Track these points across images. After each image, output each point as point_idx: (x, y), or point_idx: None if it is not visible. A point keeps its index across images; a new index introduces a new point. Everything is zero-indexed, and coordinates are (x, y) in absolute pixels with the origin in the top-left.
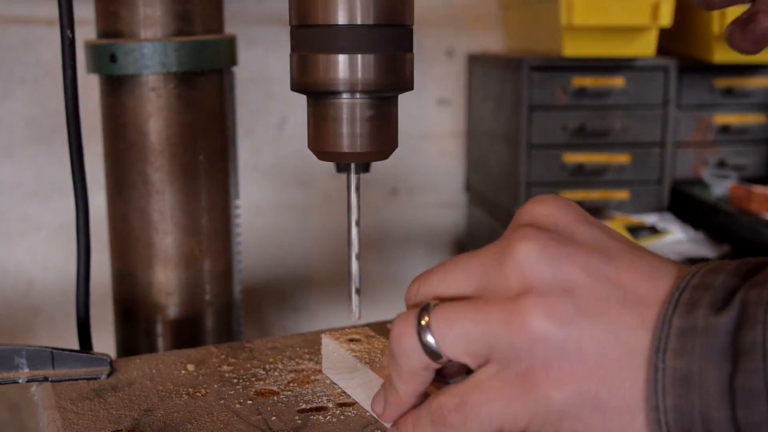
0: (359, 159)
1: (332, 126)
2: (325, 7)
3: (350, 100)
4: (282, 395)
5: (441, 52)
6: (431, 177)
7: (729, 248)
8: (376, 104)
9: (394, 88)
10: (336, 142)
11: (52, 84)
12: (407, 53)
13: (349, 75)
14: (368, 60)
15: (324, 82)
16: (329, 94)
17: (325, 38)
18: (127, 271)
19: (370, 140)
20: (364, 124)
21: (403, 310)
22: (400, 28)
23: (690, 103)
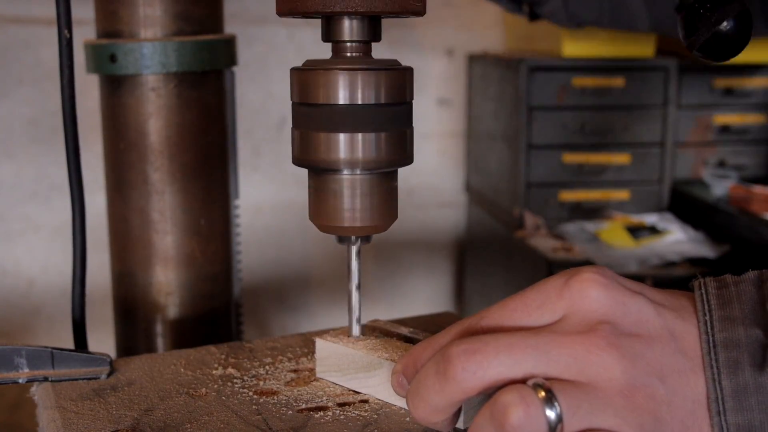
0: (359, 232)
1: (333, 201)
2: (327, 88)
3: (351, 176)
4: (282, 395)
5: (441, 52)
6: (431, 177)
7: (729, 248)
8: (376, 180)
9: (395, 164)
10: (337, 217)
11: (51, 84)
12: (407, 129)
13: (350, 154)
14: (368, 138)
15: (325, 160)
16: (330, 170)
17: (326, 117)
18: (127, 271)
19: (370, 215)
20: (365, 199)
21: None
22: (400, 106)
23: (690, 103)
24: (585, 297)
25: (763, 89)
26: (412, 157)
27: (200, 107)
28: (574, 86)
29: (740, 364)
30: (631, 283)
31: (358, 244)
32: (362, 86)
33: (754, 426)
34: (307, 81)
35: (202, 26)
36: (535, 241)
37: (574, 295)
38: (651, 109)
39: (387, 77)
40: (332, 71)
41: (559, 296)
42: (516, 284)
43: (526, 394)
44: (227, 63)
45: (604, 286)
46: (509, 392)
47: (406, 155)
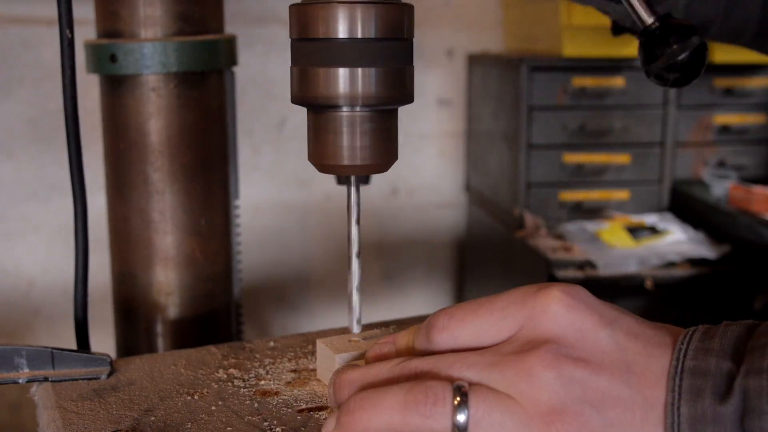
0: (359, 171)
1: (332, 139)
2: (326, 22)
3: (350, 113)
4: (282, 395)
5: (441, 52)
6: (431, 177)
7: (729, 248)
8: (376, 117)
9: (395, 101)
10: (336, 155)
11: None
12: (407, 66)
13: (350, 89)
14: (368, 73)
15: (324, 96)
16: (329, 107)
17: (325, 52)
18: (127, 271)
19: (370, 153)
20: (364, 136)
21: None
22: (400, 42)
23: (690, 103)
24: (545, 312)
25: (763, 89)
26: (412, 95)
27: (200, 107)
28: (574, 86)
29: (702, 392)
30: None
31: (358, 184)
32: (362, 20)
33: None
34: (306, 15)
35: (203, 26)
36: (535, 241)
37: (536, 308)
38: (651, 109)
39: (386, 11)
40: (331, 4)
41: (523, 305)
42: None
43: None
44: (227, 63)
45: (567, 307)
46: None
47: (406, 93)
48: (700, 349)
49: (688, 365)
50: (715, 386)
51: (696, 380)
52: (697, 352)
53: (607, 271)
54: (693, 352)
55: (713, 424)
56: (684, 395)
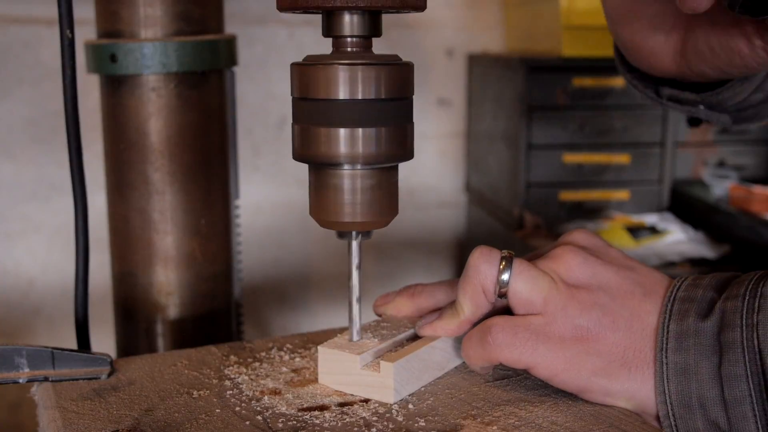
0: (360, 227)
1: (333, 196)
2: (327, 83)
3: (351, 171)
4: (282, 395)
5: (441, 52)
6: (431, 177)
7: (729, 248)
8: (377, 174)
9: (395, 159)
10: (337, 212)
11: (51, 84)
12: (408, 124)
13: (351, 148)
14: (369, 134)
15: (325, 155)
16: (330, 165)
17: (326, 112)
18: (128, 271)
19: (371, 210)
20: (365, 193)
21: None
22: (401, 101)
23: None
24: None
25: None
26: (412, 152)
27: (200, 107)
28: (574, 86)
29: (688, 313)
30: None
31: (359, 239)
32: (362, 81)
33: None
34: (308, 76)
35: (203, 26)
36: (535, 241)
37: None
38: (651, 109)
39: (387, 72)
40: (333, 66)
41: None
42: None
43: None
44: (227, 63)
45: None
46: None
47: (407, 150)
48: (691, 284)
49: (679, 295)
50: (698, 309)
51: (684, 305)
52: (688, 286)
53: None
54: (684, 286)
55: (695, 336)
56: (673, 316)
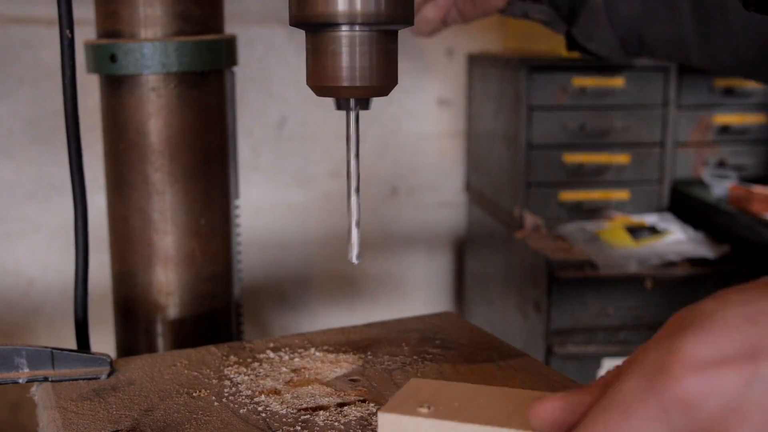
0: (358, 93)
1: (331, 60)
2: None
3: (349, 33)
4: (282, 395)
5: (441, 52)
6: (431, 177)
7: (729, 248)
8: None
9: (395, 21)
10: (335, 76)
11: (51, 84)
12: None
13: (349, 6)
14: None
15: (323, 14)
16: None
17: None
18: (127, 271)
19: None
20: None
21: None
22: None
23: (690, 103)
24: None
25: (763, 89)
26: (412, 16)
27: (200, 107)
28: (574, 86)
29: None
30: None
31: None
32: None
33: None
34: None
35: (203, 26)
36: (535, 241)
37: None
38: (651, 109)
39: None
40: None
41: None
42: (516, 284)
43: None
44: (227, 63)
45: None
46: None
47: (407, 12)
48: None
49: None
50: None
51: None
52: None
53: (607, 271)
54: None
55: None
56: None
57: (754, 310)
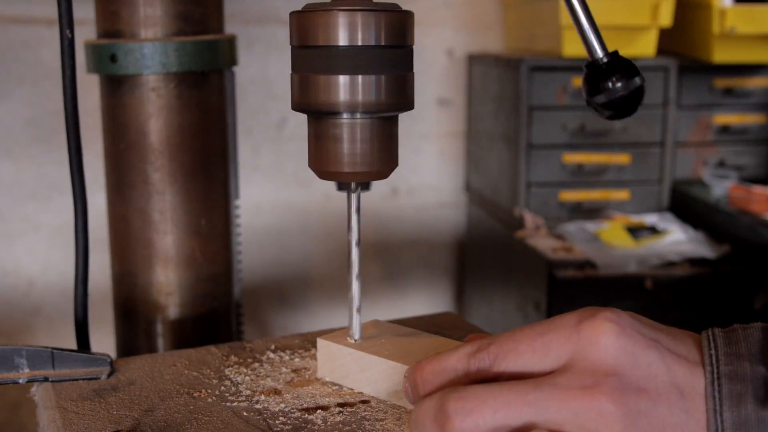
0: (360, 178)
1: (332, 146)
2: (326, 29)
3: (350, 120)
4: (282, 395)
5: (441, 52)
6: (431, 177)
7: (729, 248)
8: (376, 124)
9: (395, 108)
10: (336, 162)
11: (51, 84)
12: (408, 73)
13: (350, 96)
14: (369, 81)
15: (325, 103)
16: (330, 114)
17: (325, 59)
18: (127, 271)
19: (370, 159)
20: (365, 143)
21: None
22: (401, 49)
23: (690, 103)
24: (594, 344)
25: (763, 89)
26: (412, 102)
27: (200, 107)
28: (574, 86)
29: (743, 397)
30: (648, 329)
31: (358, 191)
32: (362, 27)
33: None
34: (307, 23)
35: (203, 26)
36: (535, 241)
37: (583, 341)
38: (651, 109)
39: (387, 19)
40: (332, 12)
41: (568, 338)
42: (516, 284)
43: None
44: (227, 63)
45: (616, 335)
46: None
47: (407, 100)
48: (730, 354)
49: (724, 371)
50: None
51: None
52: (728, 357)
53: (607, 271)
54: (725, 358)
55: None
56: (725, 401)
57: None
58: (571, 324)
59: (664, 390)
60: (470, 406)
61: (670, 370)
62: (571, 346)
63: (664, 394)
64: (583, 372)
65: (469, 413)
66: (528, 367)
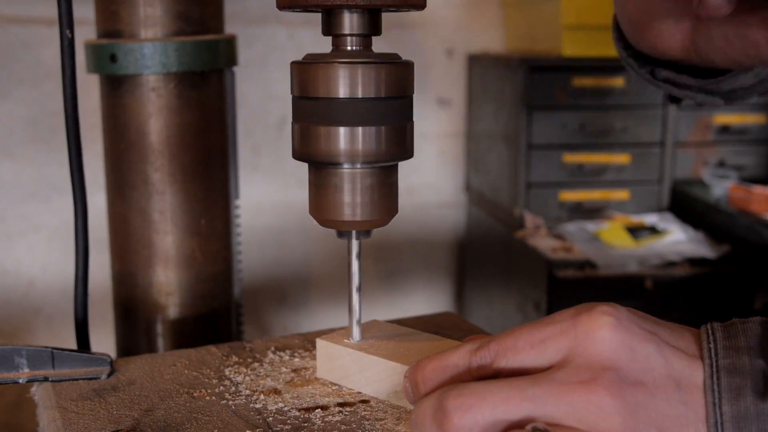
0: (360, 227)
1: (333, 195)
2: (327, 81)
3: (351, 170)
4: (282, 395)
5: (441, 52)
6: (431, 177)
7: (729, 248)
8: (376, 173)
9: (395, 158)
10: (337, 211)
11: (51, 84)
12: (407, 122)
13: (350, 147)
14: (369, 132)
15: (325, 154)
16: (330, 164)
17: (326, 111)
18: (127, 271)
19: (370, 209)
20: (365, 192)
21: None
22: (401, 100)
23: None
24: (591, 338)
25: None
26: (412, 151)
27: (200, 107)
28: (574, 86)
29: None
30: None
31: (359, 239)
32: (362, 80)
33: None
34: (308, 74)
35: (203, 26)
36: (535, 241)
37: (580, 335)
38: (651, 109)
39: (387, 71)
40: (332, 65)
41: (565, 333)
42: (516, 284)
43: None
44: (227, 63)
45: (613, 329)
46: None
47: (407, 149)
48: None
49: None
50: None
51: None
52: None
53: (607, 271)
54: (723, 351)
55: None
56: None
57: None
58: (568, 319)
59: (662, 382)
60: (469, 403)
61: (668, 363)
62: (569, 341)
63: (662, 387)
64: (580, 366)
65: (468, 410)
66: (527, 363)
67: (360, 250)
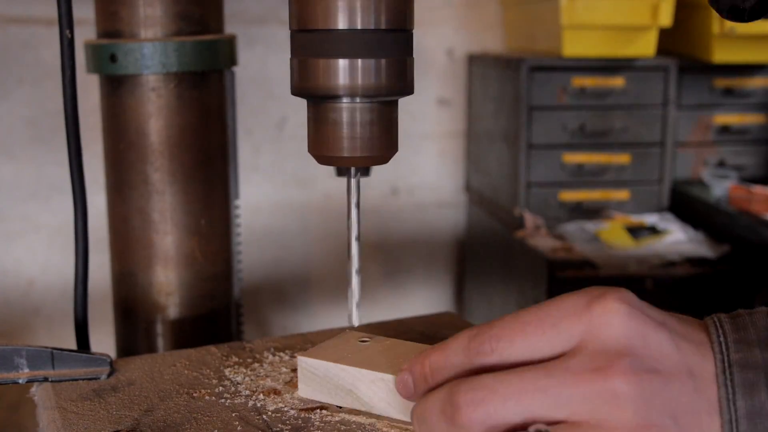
0: (359, 163)
1: (332, 130)
2: (326, 13)
3: (350, 104)
4: (282, 395)
5: (441, 52)
6: (431, 177)
7: (729, 248)
8: (376, 108)
9: (395, 93)
10: (336, 146)
11: (51, 84)
12: (407, 57)
13: (350, 80)
14: (368, 65)
15: (324, 87)
16: (329, 98)
17: (325, 43)
18: (127, 271)
19: (370, 144)
20: (365, 128)
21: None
22: (401, 33)
23: (690, 103)
24: (605, 324)
25: (763, 89)
26: (412, 87)
27: (200, 107)
28: (574, 86)
29: (757, 385)
30: (655, 312)
31: (358, 176)
32: (361, 10)
33: None
34: (306, 6)
35: (203, 26)
36: (535, 241)
37: (594, 321)
38: (651, 109)
39: (386, 2)
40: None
41: (578, 318)
42: (516, 284)
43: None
44: (227, 63)
45: (628, 315)
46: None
47: (407, 84)
48: (739, 341)
49: (735, 359)
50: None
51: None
52: (738, 344)
53: (607, 271)
54: (734, 345)
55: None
56: (738, 389)
57: None
58: (581, 304)
59: (676, 370)
60: (480, 396)
61: (681, 351)
62: (583, 327)
63: (675, 375)
64: (594, 353)
65: (480, 403)
66: (537, 349)
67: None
